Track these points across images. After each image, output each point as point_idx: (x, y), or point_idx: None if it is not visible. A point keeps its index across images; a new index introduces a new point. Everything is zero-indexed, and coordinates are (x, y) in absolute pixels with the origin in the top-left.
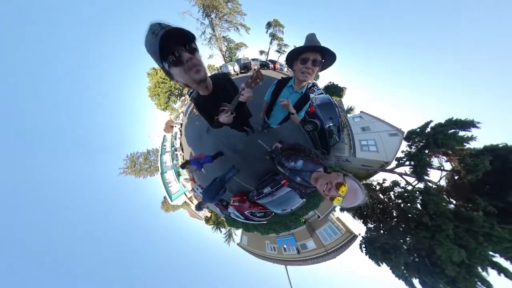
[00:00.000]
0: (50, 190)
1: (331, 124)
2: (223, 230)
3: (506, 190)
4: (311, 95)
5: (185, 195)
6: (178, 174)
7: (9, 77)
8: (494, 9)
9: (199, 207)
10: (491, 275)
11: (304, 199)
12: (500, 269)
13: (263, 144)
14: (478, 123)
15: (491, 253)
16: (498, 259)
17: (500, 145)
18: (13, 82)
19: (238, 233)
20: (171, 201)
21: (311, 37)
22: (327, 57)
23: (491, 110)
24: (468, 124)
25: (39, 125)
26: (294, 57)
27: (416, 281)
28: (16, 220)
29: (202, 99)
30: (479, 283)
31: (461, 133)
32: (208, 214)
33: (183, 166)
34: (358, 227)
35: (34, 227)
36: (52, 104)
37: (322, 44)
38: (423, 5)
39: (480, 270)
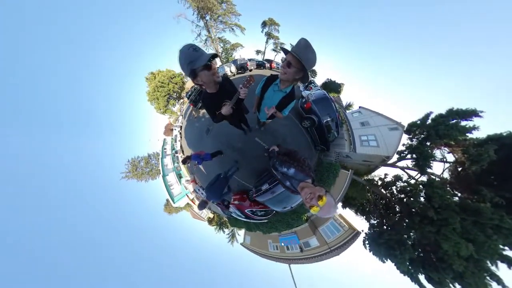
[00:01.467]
0: (51, 196)
1: (328, 119)
2: (226, 230)
3: None
4: (307, 92)
5: (187, 196)
6: (179, 176)
7: (8, 79)
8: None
9: (202, 206)
10: (501, 269)
11: None
12: (511, 263)
13: (260, 141)
14: (481, 112)
15: (500, 246)
16: (508, 252)
17: (505, 134)
18: (11, 86)
19: (241, 233)
20: (174, 203)
21: (299, 43)
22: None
23: (494, 97)
24: (470, 114)
25: (38, 125)
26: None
27: (422, 277)
28: (15, 221)
29: (209, 96)
30: (488, 277)
31: (463, 123)
32: (211, 215)
33: (184, 161)
34: (361, 224)
35: (35, 230)
36: (49, 105)
37: (316, 54)
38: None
39: (489, 264)
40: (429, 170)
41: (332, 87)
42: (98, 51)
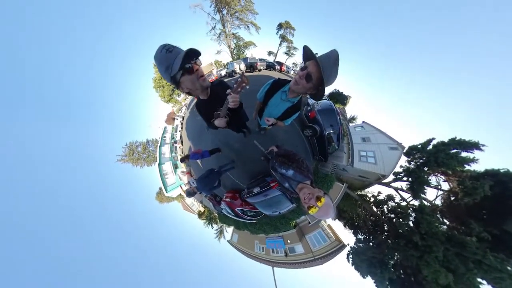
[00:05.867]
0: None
1: (331, 131)
2: (215, 226)
3: (504, 218)
4: (314, 100)
5: (181, 188)
6: (175, 167)
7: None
8: None
9: (190, 194)
10: None
11: (294, 204)
12: None
13: (258, 145)
14: (483, 145)
15: (479, 279)
16: (486, 286)
17: (502, 171)
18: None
19: (229, 230)
20: (167, 192)
21: (329, 56)
22: (321, 87)
23: (496, 132)
24: (472, 146)
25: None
26: (304, 60)
27: None
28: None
29: (202, 102)
30: None
31: (464, 154)
32: (202, 209)
33: (182, 160)
34: (348, 237)
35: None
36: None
37: (338, 72)
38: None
39: None
40: (422, 195)
41: (339, 98)
42: (111, 30)
